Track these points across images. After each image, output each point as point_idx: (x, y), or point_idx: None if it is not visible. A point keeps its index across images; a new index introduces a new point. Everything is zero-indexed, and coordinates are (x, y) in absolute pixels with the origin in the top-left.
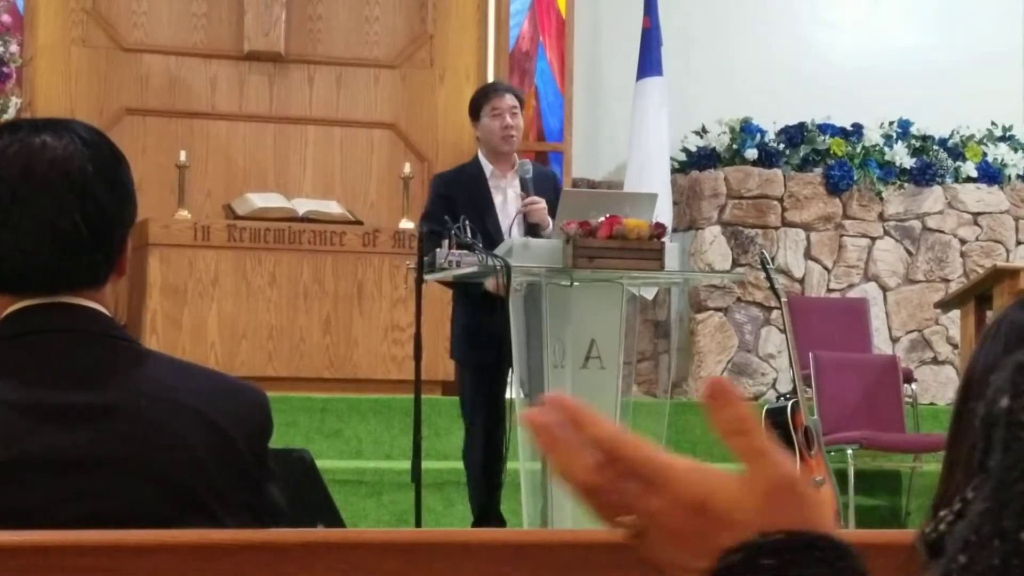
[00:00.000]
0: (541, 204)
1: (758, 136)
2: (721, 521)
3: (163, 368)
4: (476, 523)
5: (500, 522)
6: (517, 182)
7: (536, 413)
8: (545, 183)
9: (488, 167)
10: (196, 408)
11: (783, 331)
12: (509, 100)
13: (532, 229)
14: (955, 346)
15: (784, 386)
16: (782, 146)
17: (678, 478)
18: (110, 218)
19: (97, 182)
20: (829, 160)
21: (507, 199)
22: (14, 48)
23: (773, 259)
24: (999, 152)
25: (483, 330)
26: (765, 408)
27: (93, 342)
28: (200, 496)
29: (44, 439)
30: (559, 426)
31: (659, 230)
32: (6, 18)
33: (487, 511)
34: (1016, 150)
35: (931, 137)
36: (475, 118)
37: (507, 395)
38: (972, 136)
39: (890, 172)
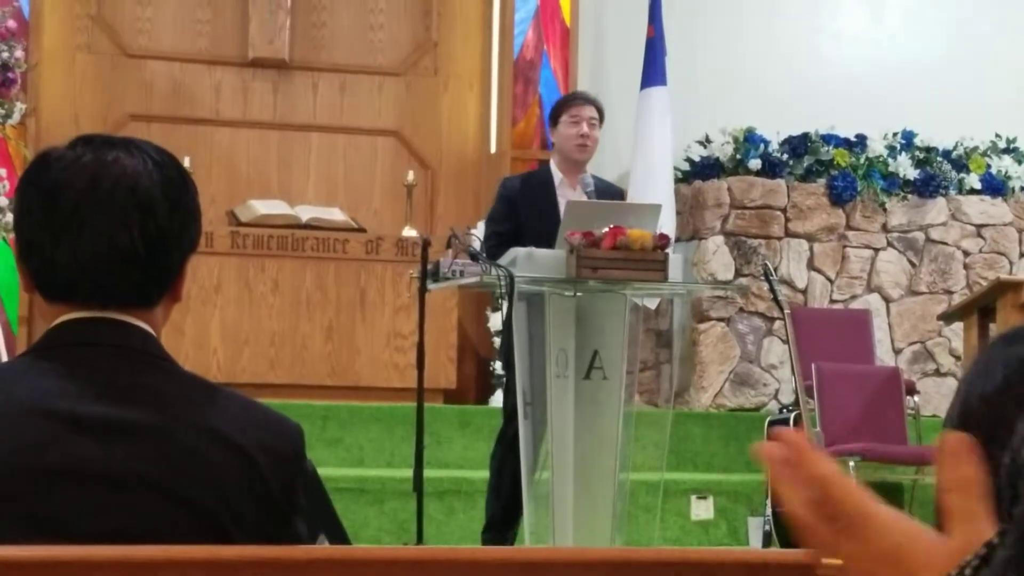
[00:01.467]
0: None
1: (761, 146)
2: (909, 575)
3: (201, 393)
4: (489, 527)
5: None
6: (581, 192)
7: (769, 447)
8: (609, 197)
9: (558, 175)
10: (229, 437)
11: (785, 342)
12: (588, 111)
13: None
14: (958, 358)
15: (786, 397)
16: (785, 156)
17: (877, 527)
18: (169, 240)
19: (161, 203)
20: (832, 171)
21: None
22: (19, 53)
23: (776, 269)
24: (1003, 164)
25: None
26: (767, 420)
27: (136, 360)
28: (223, 524)
29: (77, 450)
30: (787, 461)
31: (662, 241)
32: (11, 23)
33: (507, 517)
34: (1020, 162)
35: (935, 148)
36: (553, 124)
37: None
38: (976, 148)
39: (894, 183)
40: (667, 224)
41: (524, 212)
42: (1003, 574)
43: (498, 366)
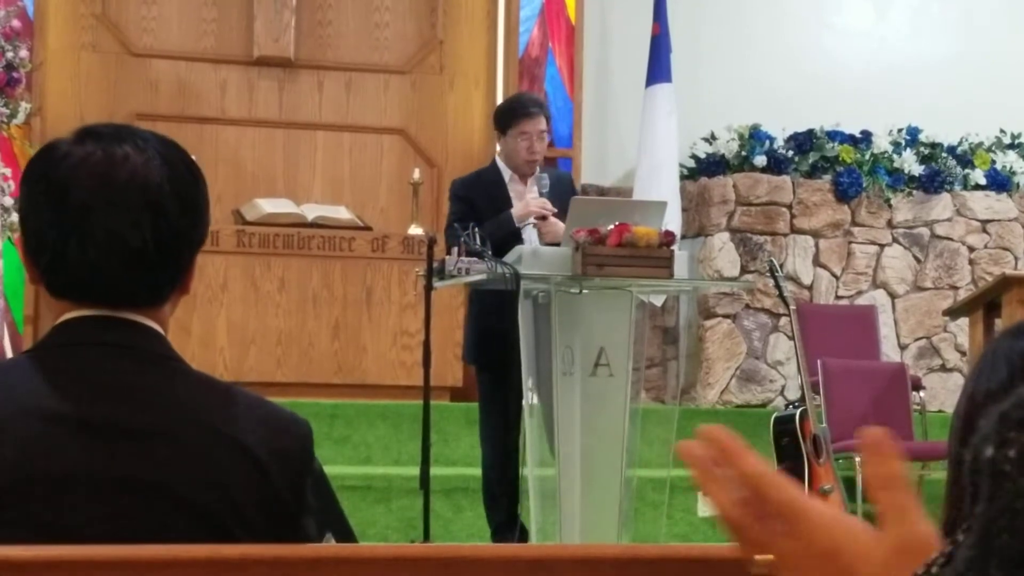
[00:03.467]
0: (556, 225)
1: (767, 143)
2: (847, 571)
3: (209, 394)
4: (496, 534)
5: (522, 532)
6: (535, 188)
7: (691, 446)
8: (562, 189)
9: (507, 172)
10: (237, 439)
11: (791, 338)
12: (538, 124)
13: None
14: (963, 353)
15: (792, 393)
16: (791, 153)
17: (814, 523)
18: (180, 238)
19: (172, 200)
20: (838, 167)
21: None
22: (24, 53)
23: (782, 266)
24: (1008, 159)
25: (495, 331)
26: (773, 416)
27: (144, 361)
28: (229, 528)
29: (81, 454)
30: (712, 459)
31: (668, 238)
32: (16, 23)
33: (507, 521)
34: None
35: (940, 144)
36: (501, 132)
37: (523, 400)
38: (981, 143)
39: (899, 179)
40: (673, 221)
41: (479, 208)
42: (964, 574)
43: None
